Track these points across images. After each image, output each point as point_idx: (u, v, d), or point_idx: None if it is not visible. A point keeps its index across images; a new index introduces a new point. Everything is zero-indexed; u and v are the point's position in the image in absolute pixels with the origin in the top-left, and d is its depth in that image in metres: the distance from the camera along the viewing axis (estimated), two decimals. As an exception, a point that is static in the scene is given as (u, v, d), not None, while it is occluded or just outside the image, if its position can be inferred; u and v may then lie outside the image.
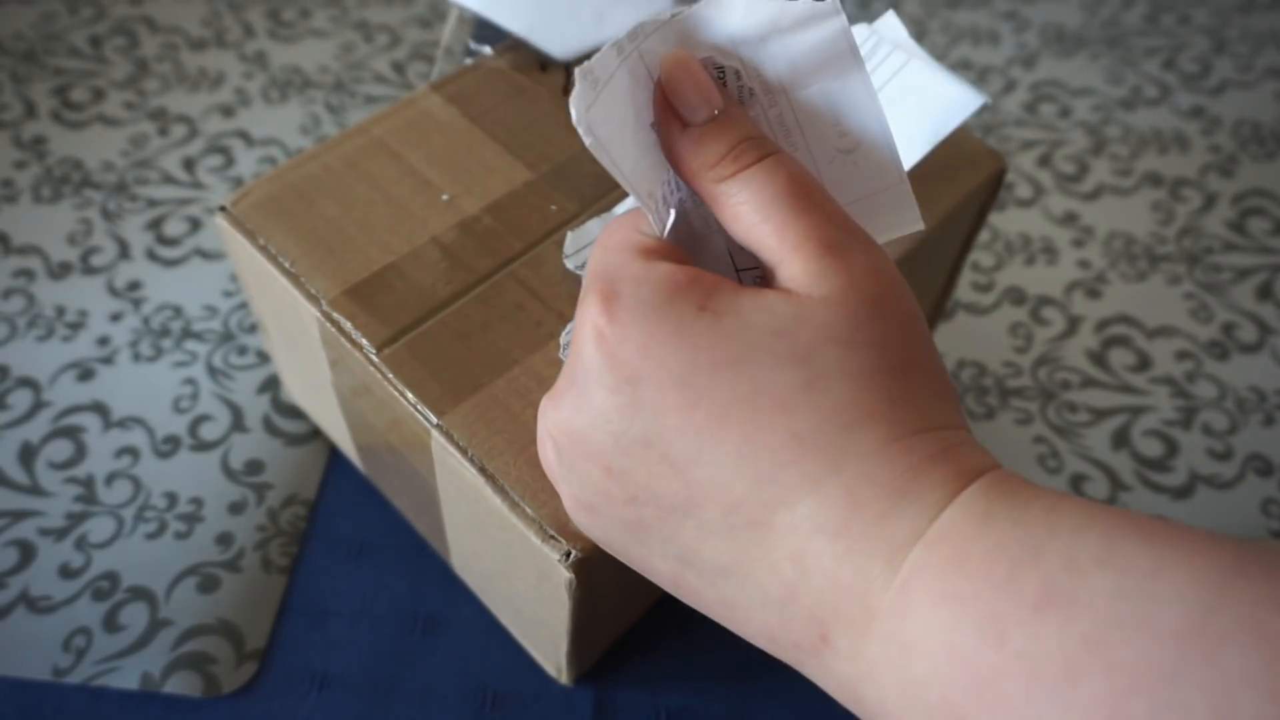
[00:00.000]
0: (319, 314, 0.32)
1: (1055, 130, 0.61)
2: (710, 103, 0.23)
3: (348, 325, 0.32)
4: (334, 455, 0.46)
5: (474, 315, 0.32)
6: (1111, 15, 0.69)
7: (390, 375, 0.31)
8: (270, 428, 0.46)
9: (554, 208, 0.35)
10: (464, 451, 0.30)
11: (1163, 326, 0.51)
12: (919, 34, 0.68)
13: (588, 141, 0.21)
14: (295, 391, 0.44)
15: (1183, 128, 0.62)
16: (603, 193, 0.36)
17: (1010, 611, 0.18)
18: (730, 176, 0.23)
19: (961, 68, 0.66)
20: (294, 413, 0.47)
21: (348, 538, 0.43)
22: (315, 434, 0.46)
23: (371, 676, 0.39)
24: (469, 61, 0.41)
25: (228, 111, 0.61)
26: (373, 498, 0.44)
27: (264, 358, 0.49)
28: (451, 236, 0.34)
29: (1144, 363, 0.50)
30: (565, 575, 0.28)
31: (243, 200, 0.35)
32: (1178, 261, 0.54)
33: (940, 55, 0.67)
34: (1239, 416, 0.48)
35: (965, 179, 0.38)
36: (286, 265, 0.33)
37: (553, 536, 0.28)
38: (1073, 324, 0.51)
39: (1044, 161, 0.60)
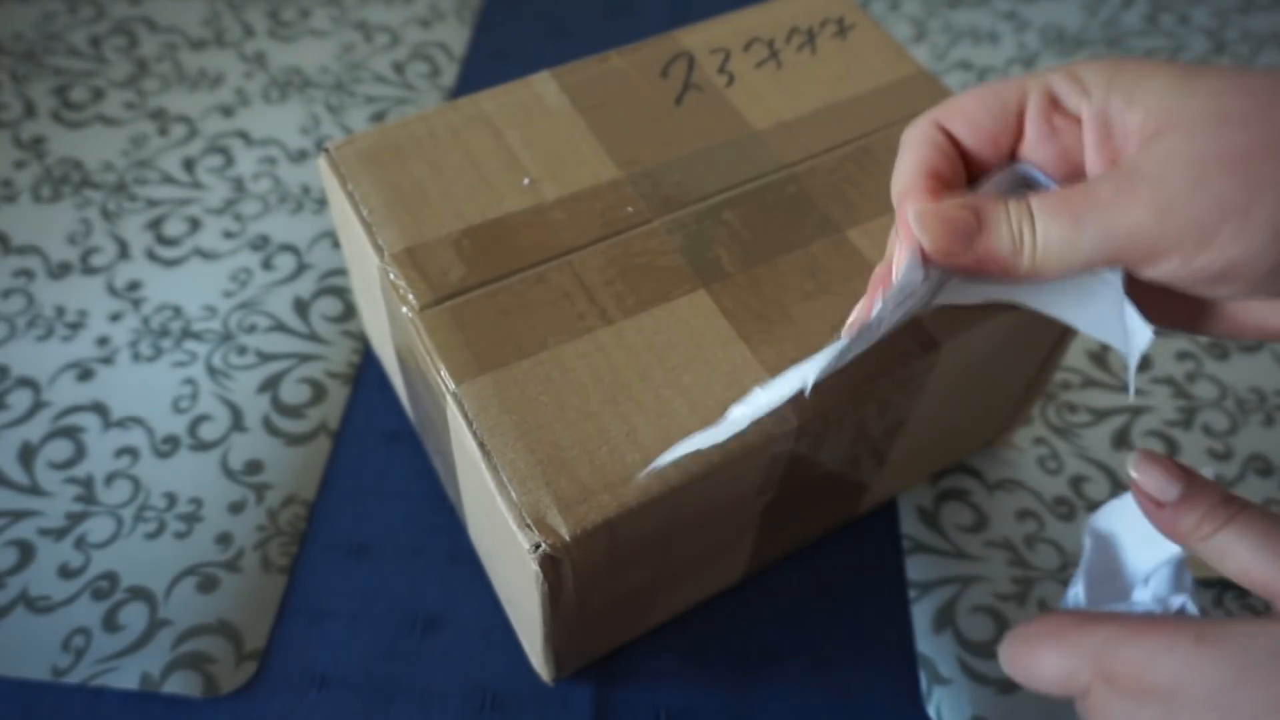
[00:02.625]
0: (379, 264, 0.34)
1: (1055, 130, 0.61)
2: (1176, 482, 0.26)
3: (400, 280, 0.33)
4: (334, 455, 0.46)
5: (520, 295, 0.33)
6: (1111, 16, 0.69)
7: (424, 334, 0.32)
8: (270, 428, 0.46)
9: (630, 209, 0.36)
10: (469, 422, 0.30)
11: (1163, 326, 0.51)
12: (919, 34, 0.68)
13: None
14: (374, 341, 0.46)
15: (1183, 128, 0.61)
16: (686, 202, 0.36)
17: None
18: (1210, 535, 0.26)
19: (961, 68, 0.66)
20: (294, 412, 0.47)
21: (347, 538, 0.43)
22: (315, 433, 0.46)
23: (371, 676, 0.39)
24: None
25: (227, 111, 0.61)
26: (373, 498, 0.44)
27: (263, 357, 0.49)
28: (522, 217, 0.35)
29: (1144, 363, 0.50)
30: (532, 568, 0.29)
31: (346, 146, 0.37)
32: (1178, 262, 0.54)
33: (940, 55, 0.67)
34: (1239, 417, 0.48)
35: None
36: (364, 214, 0.35)
37: (528, 525, 0.28)
38: (1073, 324, 0.51)
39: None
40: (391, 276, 0.34)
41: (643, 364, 0.32)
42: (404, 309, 0.33)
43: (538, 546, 0.28)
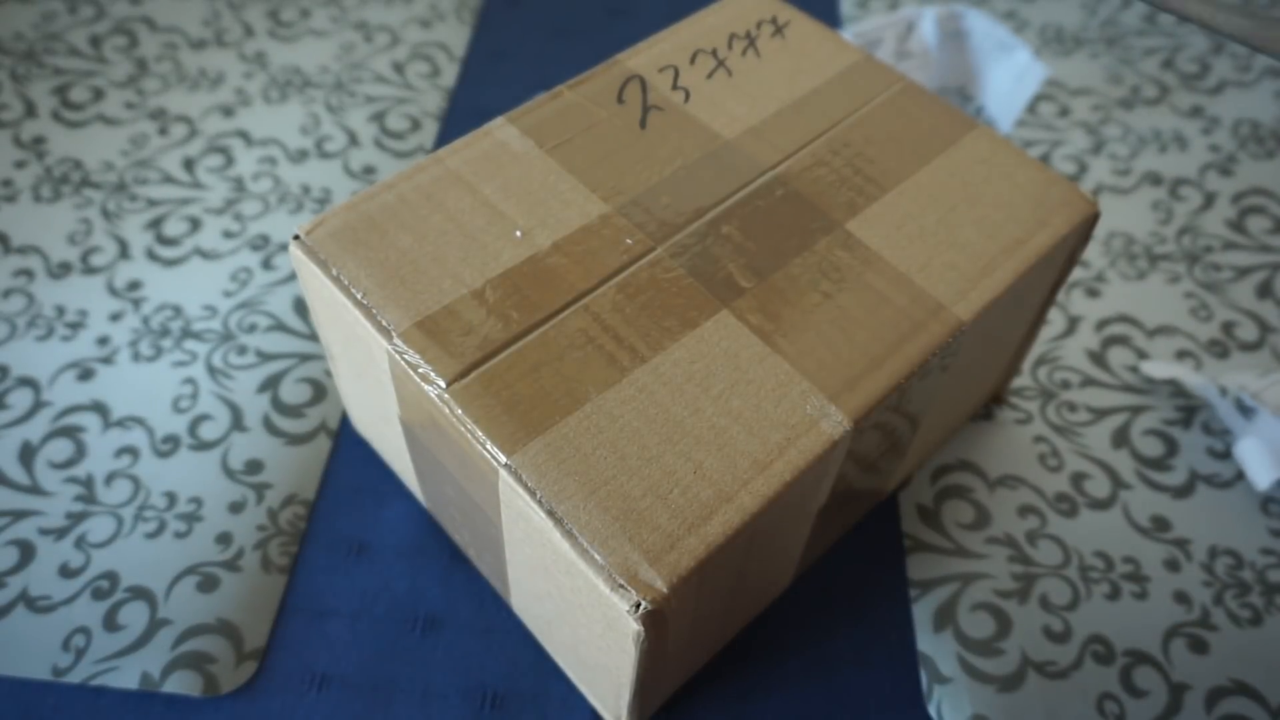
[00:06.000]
0: (390, 347, 0.32)
1: (1054, 130, 0.61)
2: None
3: (418, 359, 0.31)
4: (334, 455, 0.46)
5: (546, 350, 0.32)
6: (1110, 15, 0.69)
7: (459, 411, 0.30)
8: (270, 427, 0.46)
9: (629, 240, 0.35)
10: (532, 493, 0.29)
11: (1162, 326, 0.51)
12: (918, 34, 0.68)
13: None
14: (361, 422, 0.44)
15: (1181, 127, 0.62)
16: (682, 224, 0.35)
17: None
18: None
19: (961, 68, 0.66)
20: (294, 412, 0.47)
21: (347, 537, 0.43)
22: (315, 433, 0.46)
23: (371, 676, 0.39)
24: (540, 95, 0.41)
25: (228, 111, 0.61)
26: (373, 497, 0.44)
27: (264, 357, 0.49)
28: (525, 270, 0.34)
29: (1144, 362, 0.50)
30: (633, 627, 0.28)
31: (317, 229, 0.34)
32: (1177, 260, 0.54)
33: (940, 55, 0.67)
34: (1239, 415, 0.48)
35: (1058, 223, 0.37)
36: (359, 296, 0.33)
37: (622, 586, 0.27)
38: (1072, 323, 0.51)
39: (1043, 161, 0.60)
40: (408, 357, 0.31)
41: (689, 397, 0.31)
42: (428, 388, 0.31)
43: (638, 606, 0.27)
